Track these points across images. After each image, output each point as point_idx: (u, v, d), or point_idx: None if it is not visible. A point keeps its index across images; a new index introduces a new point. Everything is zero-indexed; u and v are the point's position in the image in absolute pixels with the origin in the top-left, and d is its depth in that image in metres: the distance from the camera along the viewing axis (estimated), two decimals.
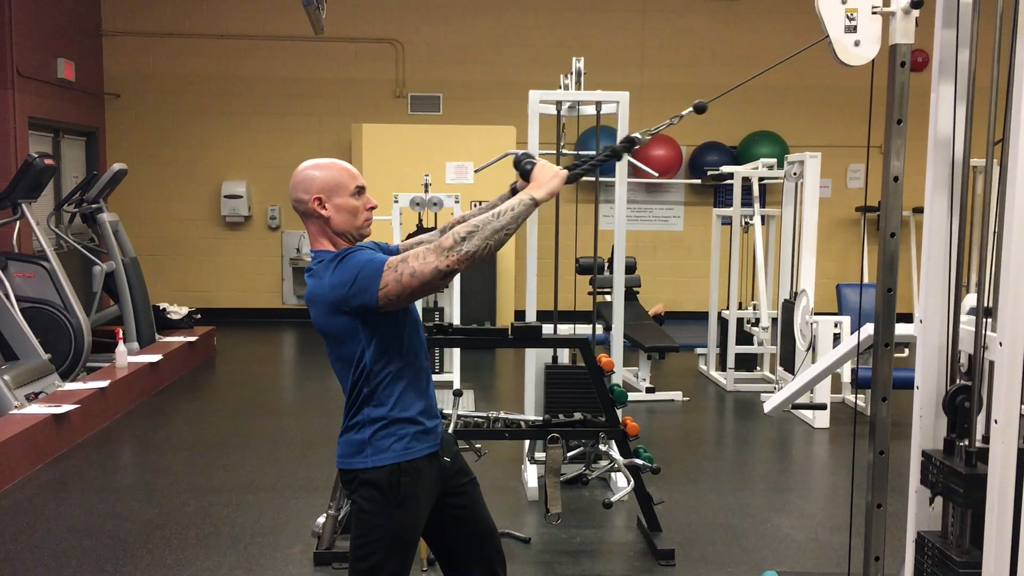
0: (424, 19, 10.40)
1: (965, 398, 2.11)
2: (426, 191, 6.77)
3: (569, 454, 4.08)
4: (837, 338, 6.04)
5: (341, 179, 2.33)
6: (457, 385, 6.75)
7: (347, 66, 10.40)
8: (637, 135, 2.41)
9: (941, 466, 2.11)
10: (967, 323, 2.18)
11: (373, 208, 2.38)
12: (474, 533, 2.50)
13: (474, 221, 2.20)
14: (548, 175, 2.33)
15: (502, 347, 7.79)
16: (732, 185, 7.44)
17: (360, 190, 2.35)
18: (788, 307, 6.68)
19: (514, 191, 2.53)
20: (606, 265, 7.06)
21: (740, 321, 7.47)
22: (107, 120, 10.24)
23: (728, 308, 7.56)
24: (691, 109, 2.43)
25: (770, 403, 3.98)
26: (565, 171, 2.38)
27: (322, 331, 2.33)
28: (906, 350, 6.70)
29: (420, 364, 2.38)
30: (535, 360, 4.71)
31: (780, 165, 7.33)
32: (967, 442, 2.08)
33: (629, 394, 4.74)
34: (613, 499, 4.06)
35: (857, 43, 2.24)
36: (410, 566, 2.39)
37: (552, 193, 2.32)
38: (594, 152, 2.42)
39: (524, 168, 2.33)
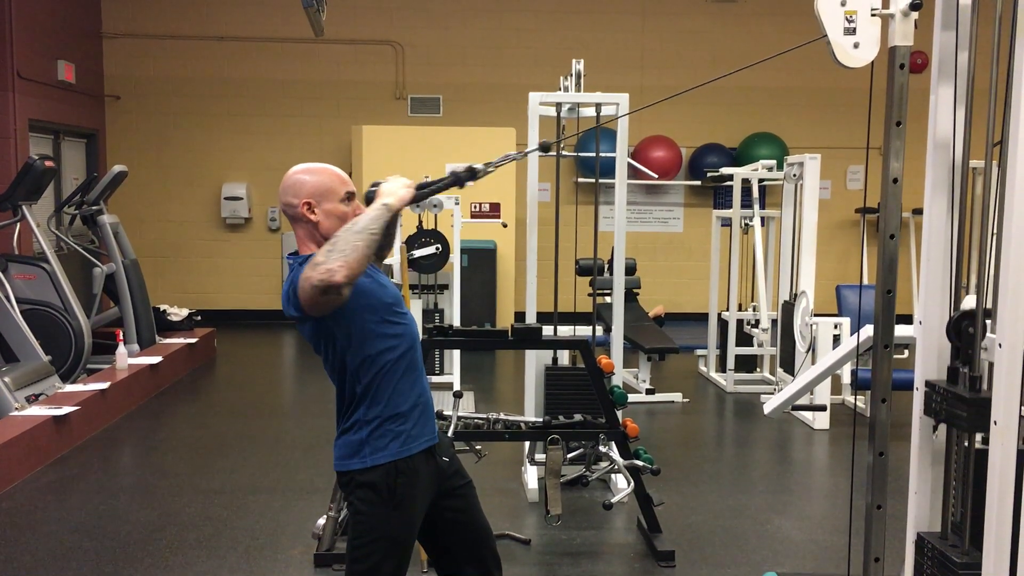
0: (424, 21, 10.40)
1: (969, 324, 2.11)
2: None
3: (569, 455, 4.09)
4: (837, 339, 6.04)
5: (331, 184, 2.34)
6: (457, 387, 6.75)
7: (347, 68, 10.40)
8: (479, 166, 2.41)
9: (945, 392, 2.11)
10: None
11: None
12: (470, 536, 2.50)
13: (334, 235, 2.18)
14: (396, 186, 2.31)
15: (502, 349, 7.79)
16: (732, 187, 7.45)
17: (350, 196, 2.36)
18: (788, 308, 6.69)
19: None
20: (606, 267, 7.06)
21: (740, 322, 7.47)
22: (107, 122, 10.24)
23: (728, 309, 7.57)
24: (536, 148, 2.48)
25: (770, 404, 3.98)
26: (414, 186, 2.35)
27: (301, 334, 2.37)
28: (906, 351, 6.70)
29: (411, 356, 2.38)
30: (535, 362, 4.71)
31: (780, 167, 7.33)
32: (970, 369, 2.08)
33: (629, 395, 4.75)
34: (613, 500, 4.06)
35: (856, 45, 2.25)
36: (407, 567, 2.39)
37: (402, 200, 2.28)
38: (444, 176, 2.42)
39: (370, 195, 2.32)
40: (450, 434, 3.82)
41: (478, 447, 3.94)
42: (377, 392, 2.32)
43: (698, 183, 10.29)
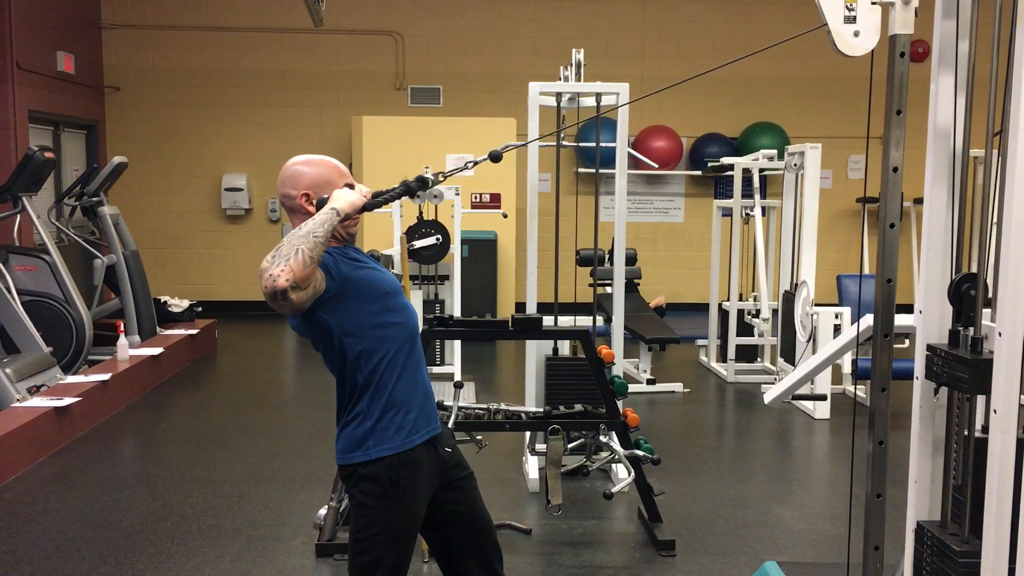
0: (424, 11, 10.38)
1: (971, 286, 2.10)
2: None
3: (570, 445, 4.09)
4: (837, 329, 6.05)
5: (330, 176, 2.35)
6: (458, 377, 6.76)
7: (347, 58, 10.38)
8: (430, 176, 2.43)
9: (946, 355, 2.10)
10: None
11: None
12: (471, 527, 2.51)
13: (281, 242, 2.16)
14: (346, 192, 2.29)
15: (503, 339, 7.80)
16: (732, 176, 7.44)
17: (348, 188, 2.35)
18: (788, 298, 6.69)
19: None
20: (606, 257, 7.06)
21: (741, 312, 7.48)
22: (107, 113, 10.23)
23: (729, 299, 7.57)
24: (485, 157, 2.49)
25: (770, 394, 3.98)
26: (369, 194, 2.34)
27: (294, 330, 2.37)
28: (906, 341, 6.70)
29: (411, 347, 2.38)
30: (536, 352, 4.72)
31: (780, 156, 7.32)
32: (972, 331, 2.09)
33: (630, 385, 4.75)
34: (614, 490, 4.07)
35: (857, 33, 2.24)
36: (410, 558, 2.40)
37: (352, 205, 2.26)
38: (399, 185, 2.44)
39: (321, 203, 2.32)
40: (451, 424, 3.83)
41: (479, 437, 3.95)
42: (378, 384, 2.32)
43: (699, 173, 10.28)
